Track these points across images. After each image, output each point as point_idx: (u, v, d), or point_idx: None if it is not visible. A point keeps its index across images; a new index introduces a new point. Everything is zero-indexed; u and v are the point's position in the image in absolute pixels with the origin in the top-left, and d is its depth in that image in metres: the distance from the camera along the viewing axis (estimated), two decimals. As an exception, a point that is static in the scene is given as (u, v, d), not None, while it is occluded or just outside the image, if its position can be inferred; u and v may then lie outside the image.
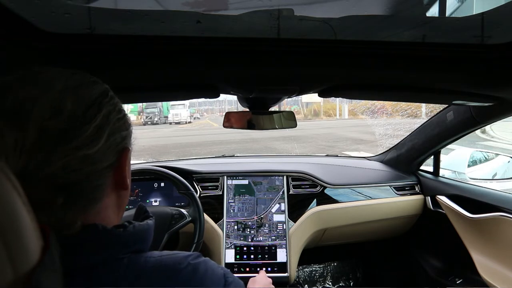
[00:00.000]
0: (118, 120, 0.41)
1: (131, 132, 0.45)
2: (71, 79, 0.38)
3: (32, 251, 0.25)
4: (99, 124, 0.38)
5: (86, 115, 0.37)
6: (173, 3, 0.57)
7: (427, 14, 0.63)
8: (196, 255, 0.45)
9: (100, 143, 0.38)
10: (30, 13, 0.50)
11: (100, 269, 0.38)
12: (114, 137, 0.40)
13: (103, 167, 0.39)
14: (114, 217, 0.44)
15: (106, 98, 0.40)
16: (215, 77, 0.72)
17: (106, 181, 0.40)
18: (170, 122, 21.87)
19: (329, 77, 0.73)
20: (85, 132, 0.36)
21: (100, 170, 0.38)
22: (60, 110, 0.35)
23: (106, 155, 0.39)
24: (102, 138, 0.38)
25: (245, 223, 1.40)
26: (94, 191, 0.39)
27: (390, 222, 1.56)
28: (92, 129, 0.37)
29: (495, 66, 0.64)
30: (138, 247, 0.42)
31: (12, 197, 0.24)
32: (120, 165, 0.42)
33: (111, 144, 0.39)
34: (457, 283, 1.35)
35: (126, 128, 0.43)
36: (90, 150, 0.37)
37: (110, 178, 0.41)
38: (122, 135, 0.42)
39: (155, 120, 21.41)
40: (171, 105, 21.75)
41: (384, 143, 4.64)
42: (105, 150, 0.38)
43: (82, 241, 0.37)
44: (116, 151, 0.40)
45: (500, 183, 1.52)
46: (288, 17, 0.57)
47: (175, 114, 21.71)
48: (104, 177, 0.40)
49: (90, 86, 0.39)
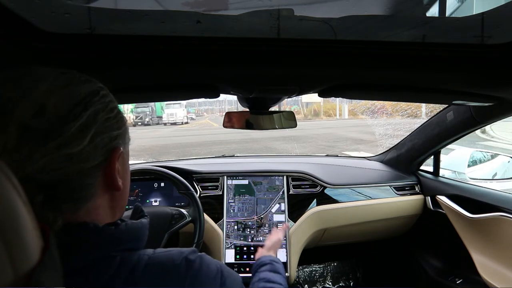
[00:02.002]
0: (108, 120, 0.40)
1: (125, 131, 0.44)
2: (58, 78, 0.38)
3: (32, 251, 0.25)
4: (84, 123, 0.37)
5: (71, 114, 0.36)
6: (173, 3, 0.57)
7: (427, 14, 0.63)
8: (191, 250, 0.45)
9: (85, 142, 0.37)
10: (30, 13, 0.50)
11: (93, 267, 0.38)
12: (101, 137, 0.39)
13: (90, 166, 0.38)
14: (107, 218, 0.43)
15: (96, 97, 0.40)
16: (215, 77, 0.72)
17: (95, 181, 0.39)
18: (165, 122, 19.96)
19: (329, 77, 0.73)
20: (68, 130, 0.36)
21: (87, 170, 0.38)
22: (43, 110, 0.35)
23: (93, 154, 0.38)
24: (87, 137, 0.37)
25: (245, 223, 1.40)
26: (81, 190, 0.38)
27: (390, 222, 1.56)
28: (76, 127, 0.36)
29: (495, 66, 0.64)
30: (132, 245, 0.42)
31: (12, 197, 0.24)
32: (110, 165, 0.41)
33: (98, 143, 0.39)
34: (457, 283, 1.35)
35: (117, 127, 0.42)
36: (74, 149, 0.36)
37: (99, 177, 0.40)
38: (112, 135, 0.41)
39: (146, 121, 19.87)
40: (166, 104, 19.82)
41: (384, 143, 4.65)
42: (91, 149, 0.38)
43: (73, 240, 0.37)
44: (104, 151, 0.40)
45: (500, 183, 1.52)
46: (288, 17, 0.57)
47: (170, 114, 19.92)
48: (92, 177, 0.39)
49: (79, 85, 0.39)
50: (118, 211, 0.46)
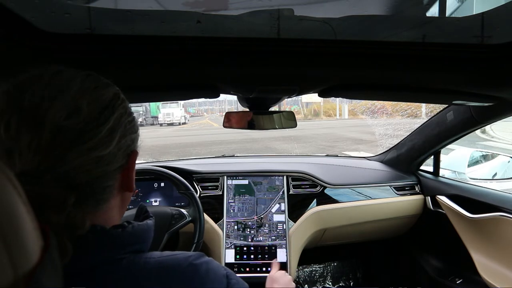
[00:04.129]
0: (129, 123, 0.42)
1: (139, 135, 0.45)
2: (86, 80, 0.39)
3: (32, 251, 0.25)
4: (112, 126, 0.38)
5: (101, 116, 0.37)
6: (173, 3, 0.57)
7: (427, 14, 0.63)
8: (197, 255, 0.45)
9: (112, 145, 0.38)
10: (30, 13, 0.50)
11: (100, 270, 0.38)
12: (125, 140, 0.40)
13: (114, 168, 0.39)
14: (117, 218, 0.44)
15: (118, 100, 0.41)
16: (215, 77, 0.72)
17: (114, 183, 0.41)
18: (161, 123, 18.69)
19: (329, 77, 0.73)
20: (99, 133, 0.37)
21: (110, 172, 0.39)
22: (76, 111, 0.35)
23: (117, 157, 0.39)
24: (114, 140, 0.38)
25: (245, 223, 1.40)
26: (103, 192, 0.39)
27: (390, 222, 1.56)
28: (105, 131, 0.37)
29: (495, 66, 0.64)
30: (138, 248, 0.42)
31: (12, 197, 0.24)
32: (129, 167, 0.42)
33: (121, 146, 0.40)
34: (457, 283, 1.35)
35: (135, 131, 0.43)
36: (103, 152, 0.37)
37: (118, 180, 0.41)
38: (132, 138, 0.42)
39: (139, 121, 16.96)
40: (163, 103, 18.29)
41: (384, 143, 4.64)
42: (116, 152, 0.39)
43: (81, 242, 0.37)
44: (126, 154, 0.41)
45: (500, 183, 1.52)
46: (288, 17, 0.57)
47: (167, 114, 18.60)
48: (113, 179, 0.40)
49: (104, 88, 0.40)
50: (124, 211, 0.47)
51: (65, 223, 0.33)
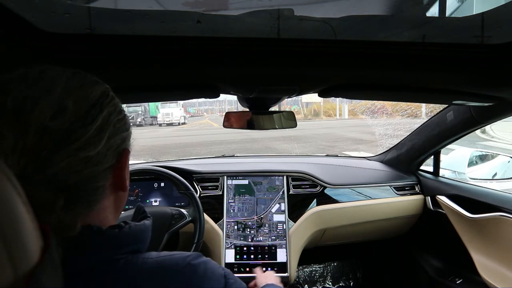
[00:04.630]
0: (119, 121, 0.41)
1: (131, 133, 0.44)
2: (72, 78, 0.38)
3: (32, 251, 0.25)
4: (100, 125, 0.37)
5: (88, 115, 0.36)
6: (173, 3, 0.57)
7: (427, 14, 0.63)
8: (195, 255, 0.44)
9: (101, 145, 0.37)
10: (30, 13, 0.50)
11: (97, 270, 0.37)
12: (114, 139, 0.39)
13: (104, 168, 0.38)
14: (112, 218, 0.43)
15: (107, 98, 0.40)
16: (215, 77, 0.72)
17: (106, 183, 0.40)
18: (160, 123, 18.46)
19: (329, 77, 0.73)
20: (87, 133, 0.36)
21: (100, 172, 0.38)
22: (62, 111, 0.34)
23: (106, 156, 0.38)
24: (103, 139, 0.37)
25: (245, 223, 1.40)
26: (94, 192, 0.38)
27: (390, 222, 1.56)
28: (93, 130, 0.36)
29: (495, 66, 0.64)
30: (135, 248, 0.41)
31: (12, 197, 0.24)
32: (120, 167, 0.41)
33: (111, 145, 0.39)
34: (457, 283, 1.35)
35: (126, 129, 0.42)
36: (92, 152, 0.36)
37: (110, 179, 0.40)
38: (122, 136, 0.41)
39: (138, 121, 18.46)
40: (162, 103, 18.23)
41: (384, 143, 4.64)
42: (105, 151, 0.38)
43: (77, 243, 0.36)
44: (116, 153, 0.40)
45: (500, 183, 1.52)
46: (288, 17, 0.57)
47: (166, 114, 18.39)
48: (104, 179, 0.39)
49: (91, 86, 0.39)
50: (119, 211, 0.46)
51: (55, 225, 0.33)
